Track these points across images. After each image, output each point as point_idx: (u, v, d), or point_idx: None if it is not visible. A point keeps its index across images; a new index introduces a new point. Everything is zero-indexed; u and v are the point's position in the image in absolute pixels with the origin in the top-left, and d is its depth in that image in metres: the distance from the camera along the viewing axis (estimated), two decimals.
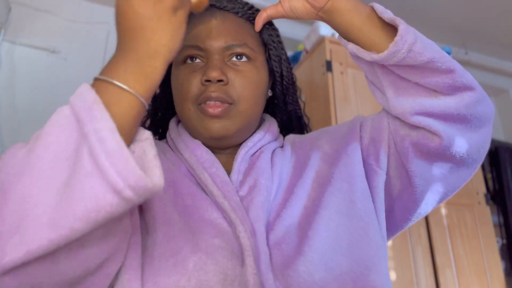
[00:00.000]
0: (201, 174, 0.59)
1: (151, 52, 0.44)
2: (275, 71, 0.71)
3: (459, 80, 0.54)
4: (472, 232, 1.73)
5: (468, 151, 0.57)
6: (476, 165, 0.61)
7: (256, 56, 0.66)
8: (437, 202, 0.63)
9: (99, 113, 0.39)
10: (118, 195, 0.37)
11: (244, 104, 0.62)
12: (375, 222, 0.57)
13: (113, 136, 0.38)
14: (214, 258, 0.49)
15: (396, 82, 0.57)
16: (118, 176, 0.36)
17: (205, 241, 0.51)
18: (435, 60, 0.52)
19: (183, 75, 0.63)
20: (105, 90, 0.42)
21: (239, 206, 0.55)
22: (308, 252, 0.51)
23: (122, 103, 0.42)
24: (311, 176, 0.61)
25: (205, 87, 0.61)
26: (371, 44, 0.56)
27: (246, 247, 0.50)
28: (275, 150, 0.67)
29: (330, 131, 0.69)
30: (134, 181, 0.37)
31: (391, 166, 0.61)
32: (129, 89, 0.42)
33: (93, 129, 0.38)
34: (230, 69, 0.62)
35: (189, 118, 0.63)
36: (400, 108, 0.56)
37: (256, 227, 0.52)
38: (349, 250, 0.53)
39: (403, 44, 0.52)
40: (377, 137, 0.62)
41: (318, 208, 0.56)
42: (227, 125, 0.61)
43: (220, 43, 0.63)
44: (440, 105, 0.54)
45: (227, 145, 0.66)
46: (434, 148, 0.56)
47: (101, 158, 0.37)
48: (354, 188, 0.58)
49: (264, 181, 0.58)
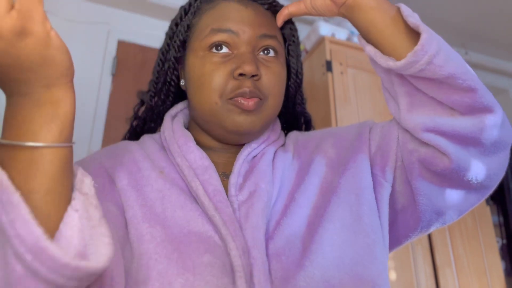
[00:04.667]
0: (192, 181, 0.55)
1: (41, 87, 0.36)
2: (292, 67, 0.68)
3: (479, 101, 0.50)
4: (472, 232, 1.73)
5: (478, 177, 0.53)
6: (486, 191, 0.57)
7: (282, 51, 0.64)
8: (440, 224, 0.59)
9: (6, 197, 0.34)
10: (63, 287, 0.35)
11: (272, 101, 0.60)
12: (381, 239, 0.54)
13: (29, 229, 0.34)
14: (203, 279, 0.46)
15: (412, 94, 0.54)
16: (53, 273, 0.34)
17: (193, 259, 0.47)
18: (456, 76, 0.48)
19: (209, 64, 0.58)
20: (14, 156, 0.36)
21: (232, 219, 0.51)
22: (310, 267, 0.48)
23: (40, 165, 0.36)
24: (314, 182, 0.58)
25: (238, 82, 0.57)
26: (392, 49, 0.52)
27: (237, 267, 0.47)
28: (277, 151, 0.64)
29: (336, 134, 0.66)
30: (71, 273, 0.35)
31: (397, 179, 0.58)
32: (42, 144, 0.36)
33: (8, 222, 0.34)
34: (261, 64, 0.60)
35: (215, 112, 0.58)
36: (411, 122, 0.53)
37: (256, 236, 0.50)
38: (353, 268, 0.49)
39: (423, 55, 0.48)
40: (385, 147, 0.58)
41: (322, 220, 0.53)
42: (255, 120, 0.58)
43: (254, 31, 0.60)
44: (455, 125, 0.51)
45: (245, 141, 0.62)
46: (441, 169, 0.52)
47: (28, 258, 0.34)
48: (361, 201, 0.55)
49: (264, 185, 0.55)
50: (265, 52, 0.61)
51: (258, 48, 0.61)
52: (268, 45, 0.61)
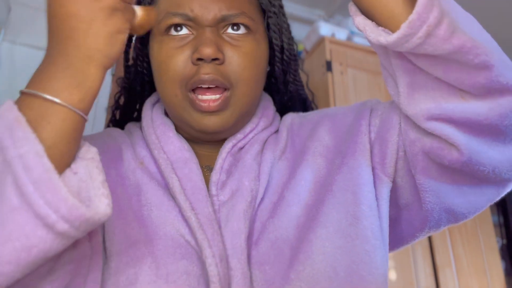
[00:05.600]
0: (169, 177, 0.49)
1: (83, 57, 0.37)
2: (275, 44, 0.59)
3: (496, 80, 0.39)
4: (472, 232, 1.73)
5: (496, 169, 0.44)
6: (508, 184, 0.47)
7: (256, 26, 0.54)
8: (452, 223, 0.51)
9: (23, 134, 0.34)
10: (51, 229, 0.32)
11: (243, 88, 0.51)
12: (382, 244, 0.47)
13: (40, 161, 0.33)
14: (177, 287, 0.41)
15: (413, 74, 0.43)
16: (49, 207, 0.32)
17: (167, 266, 0.42)
18: (465, 50, 0.38)
19: (166, 49, 0.52)
20: (30, 105, 0.36)
21: (210, 221, 0.45)
22: (296, 281, 0.42)
23: (52, 119, 0.36)
24: (306, 177, 0.51)
25: (197, 68, 0.50)
26: (389, 17, 0.41)
27: (212, 277, 0.41)
28: (268, 139, 0.57)
29: (333, 117, 0.57)
30: (67, 211, 0.32)
31: (398, 172, 0.50)
32: (60, 101, 0.36)
33: (17, 155, 0.33)
34: (227, 44, 0.51)
35: (176, 106, 0.52)
36: (413, 109, 0.44)
37: (236, 243, 0.44)
38: (348, 279, 0.43)
39: (421, 24, 0.37)
40: (384, 135, 0.50)
41: (314, 224, 0.46)
42: (225, 118, 0.51)
43: (214, 12, 0.51)
44: (466, 111, 0.41)
45: (220, 138, 0.55)
46: (450, 162, 0.43)
47: (28, 189, 0.32)
48: (360, 199, 0.48)
49: (248, 182, 0.49)
50: (234, 29, 0.52)
51: (223, 27, 0.52)
52: (235, 22, 0.52)
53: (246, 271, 0.43)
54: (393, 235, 0.53)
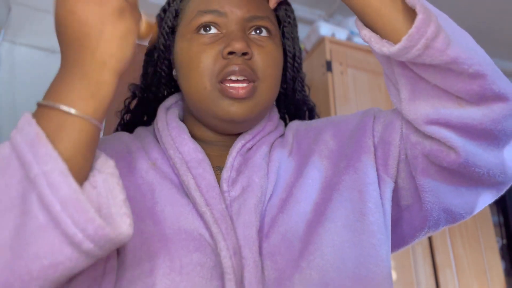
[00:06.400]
0: (185, 175, 0.52)
1: (97, 64, 0.39)
2: (288, 50, 0.63)
3: (489, 88, 0.44)
4: (472, 232, 1.73)
5: (491, 171, 0.48)
6: (502, 187, 0.51)
7: (276, 32, 0.60)
8: (450, 223, 0.54)
9: (44, 150, 0.35)
10: (77, 248, 0.33)
11: (267, 82, 0.56)
12: (386, 239, 0.50)
13: (66, 180, 0.34)
14: (190, 280, 0.42)
15: (414, 81, 0.48)
16: (76, 227, 0.33)
17: (181, 258, 0.44)
18: (460, 61, 0.43)
19: (197, 46, 0.55)
20: (48, 117, 0.37)
21: (224, 216, 0.48)
22: (307, 269, 0.45)
23: (70, 131, 0.37)
24: (313, 176, 0.54)
25: (227, 61, 0.53)
26: (390, 31, 0.46)
27: (227, 268, 0.44)
28: (275, 142, 0.60)
29: (337, 124, 0.61)
30: (93, 231, 0.34)
31: (400, 174, 0.53)
32: (76, 112, 0.37)
33: (41, 173, 0.34)
34: (252, 43, 0.56)
35: (204, 98, 0.54)
36: (413, 114, 0.48)
37: (247, 234, 0.46)
38: (355, 271, 0.46)
39: (419, 38, 0.42)
40: (387, 139, 0.54)
41: (323, 218, 0.49)
42: (251, 107, 0.54)
43: (243, 12, 0.56)
44: (462, 116, 0.45)
45: (241, 129, 0.58)
46: (448, 164, 0.47)
47: (56, 208, 0.33)
48: (366, 197, 0.51)
49: (258, 179, 0.52)
50: (257, 32, 0.57)
51: (248, 28, 0.57)
52: (259, 26, 0.57)
53: (257, 260, 0.45)
54: (395, 235, 0.56)
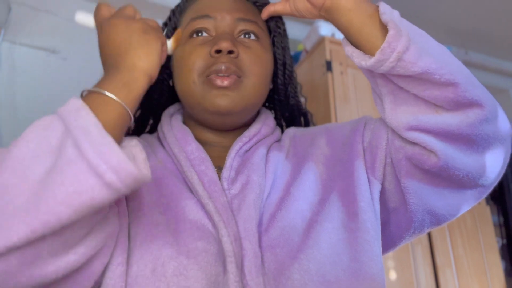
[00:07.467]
0: (188, 171, 0.56)
1: (129, 65, 0.47)
2: (278, 58, 0.69)
3: (463, 95, 0.47)
4: (472, 232, 1.73)
5: (470, 174, 0.51)
6: (484, 190, 0.55)
7: (264, 38, 0.65)
8: (435, 225, 0.58)
9: (86, 114, 0.40)
10: (101, 178, 0.36)
11: (253, 79, 0.60)
12: (378, 236, 0.53)
13: (98, 129, 0.39)
14: (197, 263, 0.46)
15: (394, 92, 0.52)
16: (100, 158, 0.36)
17: (188, 244, 0.47)
18: (431, 71, 0.47)
19: (189, 47, 0.62)
20: (92, 99, 0.44)
21: (225, 207, 0.51)
22: (305, 261, 0.48)
23: (109, 111, 0.43)
24: (310, 178, 0.58)
25: (214, 59, 0.59)
26: (370, 47, 0.51)
27: (228, 252, 0.47)
28: (271, 146, 0.64)
29: (331, 131, 0.65)
30: (117, 163, 0.37)
31: (386, 177, 0.57)
32: (115, 97, 0.44)
33: (79, 125, 0.38)
34: (240, 44, 0.61)
35: (193, 92, 0.60)
36: (395, 121, 0.52)
37: (248, 227, 0.50)
38: (350, 265, 0.49)
39: (391, 52, 0.47)
40: (374, 143, 0.58)
41: (319, 218, 0.52)
42: (235, 98, 0.59)
43: (232, 15, 0.62)
44: (439, 122, 0.49)
45: (230, 124, 0.63)
46: (429, 166, 0.51)
47: (85, 146, 0.37)
48: (359, 197, 0.54)
49: (256, 178, 0.55)
50: (246, 36, 0.63)
51: (237, 31, 0.63)
52: (248, 29, 0.63)
53: (257, 252, 0.48)
54: (384, 237, 0.60)
